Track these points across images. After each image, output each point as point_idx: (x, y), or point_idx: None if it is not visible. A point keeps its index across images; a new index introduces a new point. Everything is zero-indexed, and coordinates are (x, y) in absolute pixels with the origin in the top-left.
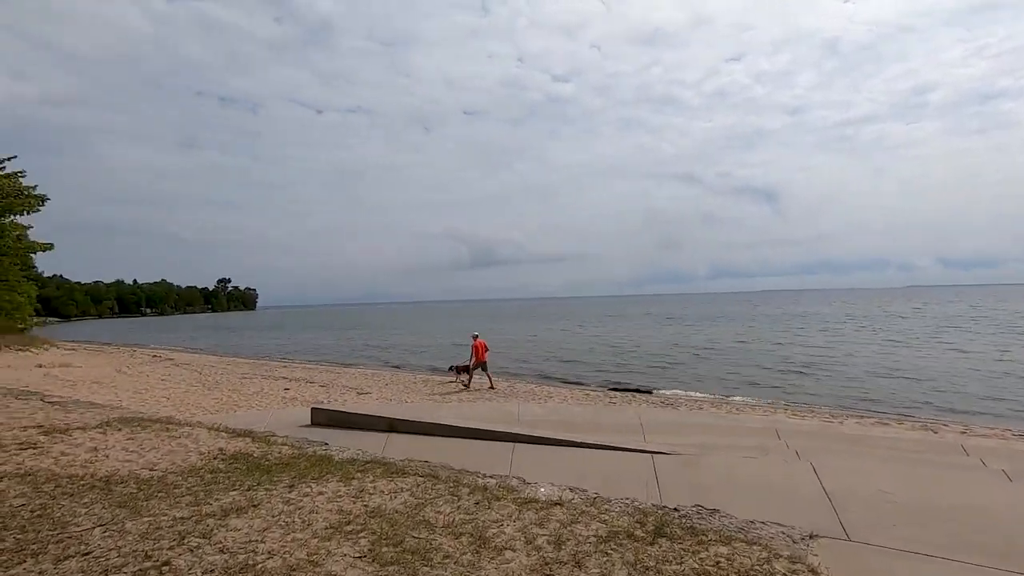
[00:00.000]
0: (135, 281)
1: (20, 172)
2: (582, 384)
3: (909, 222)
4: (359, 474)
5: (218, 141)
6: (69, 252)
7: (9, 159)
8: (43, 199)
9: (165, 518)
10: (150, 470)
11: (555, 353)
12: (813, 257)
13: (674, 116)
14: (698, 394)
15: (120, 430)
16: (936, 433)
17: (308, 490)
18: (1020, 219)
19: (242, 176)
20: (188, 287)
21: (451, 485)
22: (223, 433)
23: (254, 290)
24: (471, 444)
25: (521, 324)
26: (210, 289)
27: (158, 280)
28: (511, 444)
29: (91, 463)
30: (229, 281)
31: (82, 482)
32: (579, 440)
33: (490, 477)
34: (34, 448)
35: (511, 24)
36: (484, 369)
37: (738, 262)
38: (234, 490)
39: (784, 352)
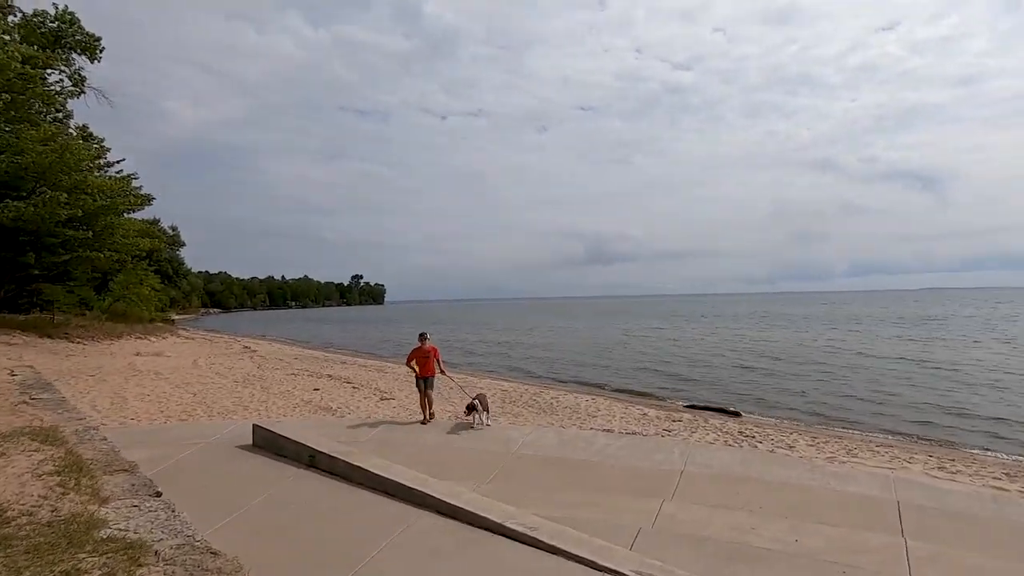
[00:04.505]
0: (283, 277)
1: (133, 175)
2: (654, 397)
3: None
4: None
5: (357, 151)
6: (235, 252)
7: (120, 161)
8: (149, 198)
9: None
10: None
11: (639, 358)
12: (988, 250)
13: (810, 98)
14: (794, 423)
15: None
16: None
17: None
18: None
19: (376, 181)
20: (326, 283)
21: None
22: (49, 464)
23: (382, 286)
24: (368, 506)
25: (617, 322)
26: (344, 284)
27: (301, 276)
28: (419, 513)
29: None
30: (361, 277)
31: None
32: (509, 525)
33: None
34: None
35: (628, 15)
36: (428, 387)
37: (888, 257)
38: None
39: (927, 368)
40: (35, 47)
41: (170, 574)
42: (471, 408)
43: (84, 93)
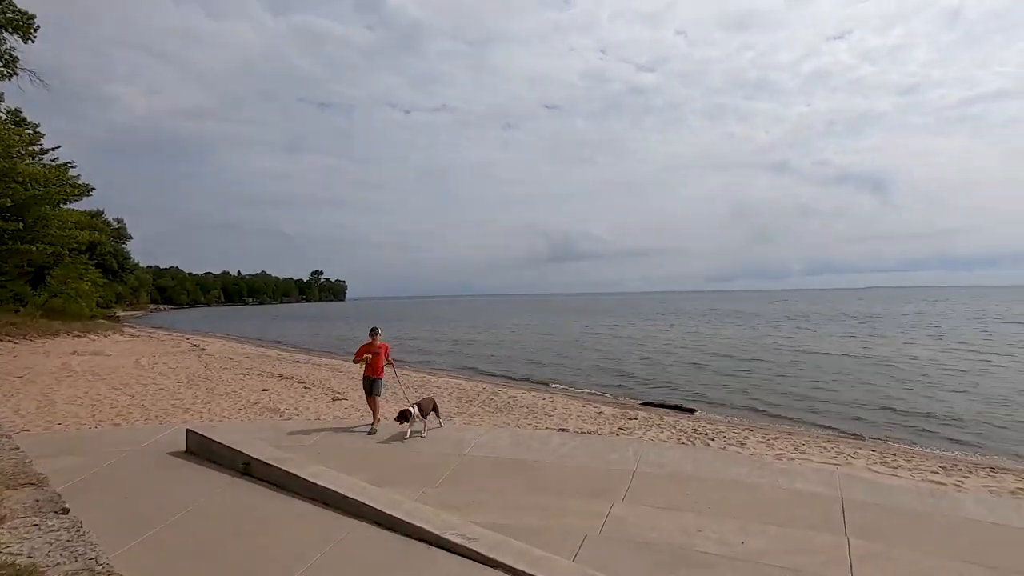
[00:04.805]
0: (239, 272)
1: (70, 163)
2: (611, 395)
3: None
4: None
5: (318, 144)
6: (189, 246)
7: (56, 148)
8: (88, 188)
9: None
10: None
11: (597, 356)
12: (930, 251)
13: (767, 102)
14: (746, 419)
15: None
16: None
17: None
18: None
19: (339, 175)
20: (285, 278)
21: None
22: None
23: (343, 282)
24: (301, 518)
25: (579, 319)
26: (304, 280)
27: (258, 272)
28: (355, 525)
29: None
30: (321, 273)
31: None
32: (448, 536)
33: None
34: None
35: (594, 16)
36: (374, 391)
37: (839, 256)
38: None
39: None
40: None
41: None
42: (404, 416)
43: (16, 75)
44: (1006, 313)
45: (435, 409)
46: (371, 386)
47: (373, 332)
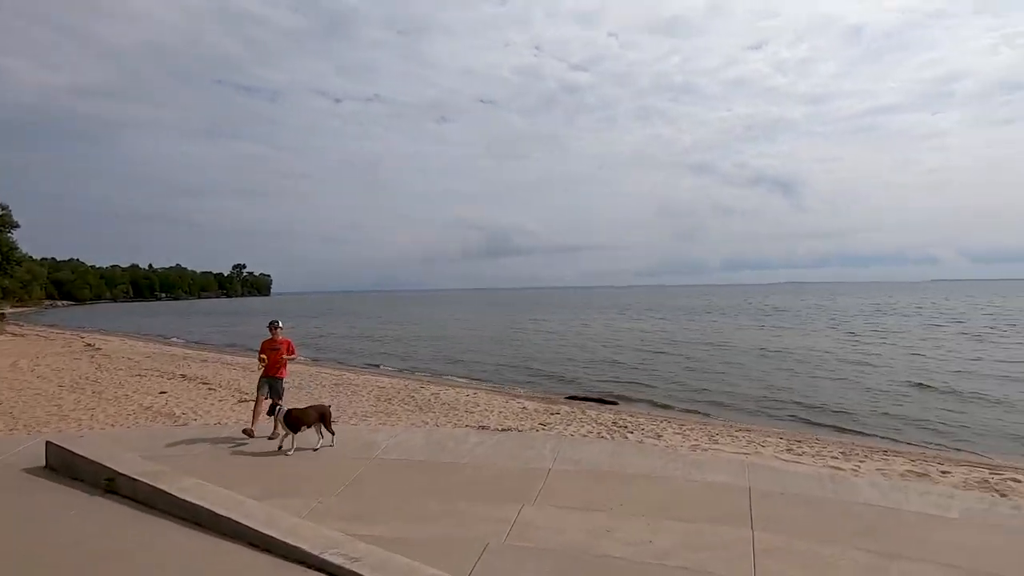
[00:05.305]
0: (150, 266)
1: None
2: (537, 389)
3: (934, 215)
4: None
5: (238, 130)
6: (92, 237)
7: None
8: None
9: None
10: None
11: (526, 350)
12: (831, 250)
13: (692, 106)
14: (665, 411)
15: None
16: None
17: None
18: None
19: (263, 164)
20: (203, 272)
21: None
22: None
23: (268, 276)
24: (164, 544)
25: (511, 314)
26: (225, 275)
27: (173, 265)
28: (225, 548)
29: None
30: (244, 267)
31: None
32: (326, 557)
33: None
34: None
35: (528, 13)
36: (273, 393)
37: (754, 254)
38: None
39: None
40: None
41: None
42: (274, 409)
43: None
44: (893, 307)
45: (324, 419)
46: (269, 387)
47: (272, 326)
